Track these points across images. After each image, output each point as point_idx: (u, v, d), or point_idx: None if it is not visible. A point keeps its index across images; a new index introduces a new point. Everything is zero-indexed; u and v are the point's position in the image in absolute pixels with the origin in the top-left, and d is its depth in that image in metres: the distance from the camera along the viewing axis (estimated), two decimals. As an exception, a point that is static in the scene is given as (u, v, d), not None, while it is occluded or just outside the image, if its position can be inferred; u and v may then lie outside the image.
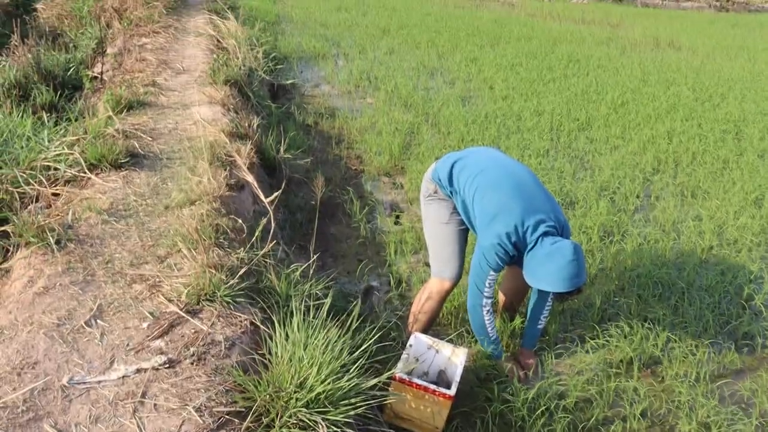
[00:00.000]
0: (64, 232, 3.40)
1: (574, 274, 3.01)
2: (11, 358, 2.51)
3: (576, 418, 3.24)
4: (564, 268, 3.01)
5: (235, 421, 2.35)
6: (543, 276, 3.10)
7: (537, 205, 3.18)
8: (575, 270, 3.01)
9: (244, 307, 2.99)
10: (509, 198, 3.18)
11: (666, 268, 4.57)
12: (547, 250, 3.06)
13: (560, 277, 3.03)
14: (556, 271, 3.03)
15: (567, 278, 3.02)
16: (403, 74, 9.71)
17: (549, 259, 3.05)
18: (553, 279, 3.06)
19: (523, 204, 3.16)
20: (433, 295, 3.54)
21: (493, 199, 3.21)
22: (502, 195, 3.20)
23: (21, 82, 6.08)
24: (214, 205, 3.78)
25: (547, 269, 3.06)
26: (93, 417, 2.27)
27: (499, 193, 3.21)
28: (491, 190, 3.23)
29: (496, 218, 3.16)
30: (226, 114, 5.57)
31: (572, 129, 7.53)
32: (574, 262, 3.01)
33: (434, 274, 3.56)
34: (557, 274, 3.03)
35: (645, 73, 10.90)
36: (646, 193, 6.01)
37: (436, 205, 3.52)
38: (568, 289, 3.06)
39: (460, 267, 3.53)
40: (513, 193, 3.20)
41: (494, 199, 3.20)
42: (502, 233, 3.11)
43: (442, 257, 3.51)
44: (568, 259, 3.00)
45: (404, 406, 2.99)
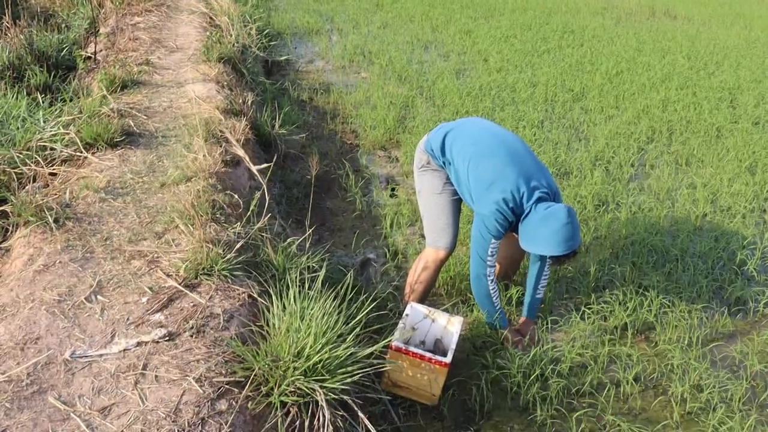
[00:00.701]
0: (63, 211, 3.44)
1: (569, 237, 3.08)
2: (14, 334, 2.55)
3: (570, 383, 3.30)
4: (559, 232, 3.07)
5: (235, 391, 2.40)
6: (539, 240, 3.15)
7: (530, 172, 3.23)
8: (569, 233, 3.07)
9: (242, 281, 3.04)
10: (504, 165, 3.22)
11: (660, 236, 4.61)
12: (542, 215, 3.12)
13: (555, 241, 3.09)
14: (551, 235, 3.09)
15: (562, 241, 3.08)
16: (397, 48, 9.68)
17: (544, 223, 3.10)
18: (548, 243, 3.12)
19: (518, 170, 3.21)
20: (429, 265, 3.57)
21: (488, 167, 3.24)
22: (497, 162, 3.24)
23: (14, 63, 6.07)
24: (210, 181, 3.81)
25: (542, 233, 3.12)
26: (96, 389, 2.32)
27: (494, 161, 3.25)
28: (485, 159, 3.26)
29: (492, 186, 3.20)
30: (221, 91, 5.58)
31: (567, 100, 7.53)
32: (569, 225, 3.07)
33: (429, 244, 3.59)
34: (552, 238, 3.09)
35: (640, 43, 10.87)
36: (641, 162, 6.04)
37: (429, 176, 3.55)
38: (564, 252, 3.12)
39: (454, 236, 3.57)
40: (507, 160, 3.24)
41: (489, 167, 3.24)
42: (499, 199, 3.16)
43: (437, 227, 3.54)
44: (563, 222, 3.06)
45: (401, 375, 3.04)
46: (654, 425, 3.12)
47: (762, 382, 3.44)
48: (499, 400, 3.22)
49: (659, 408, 3.26)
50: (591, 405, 3.21)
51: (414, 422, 3.05)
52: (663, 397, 3.32)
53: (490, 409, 3.16)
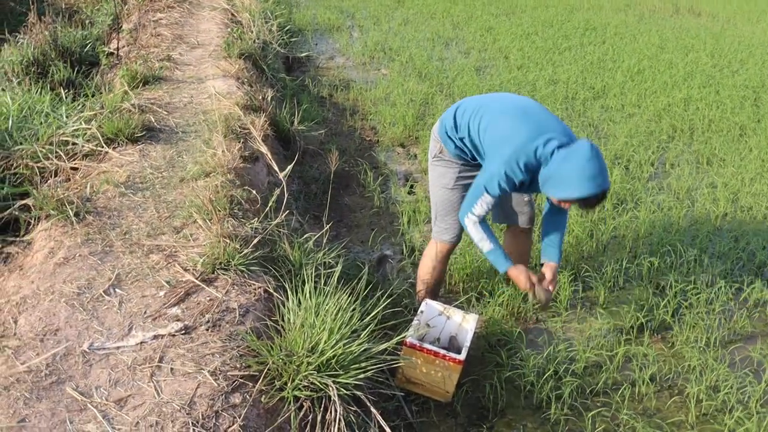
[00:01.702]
0: (83, 205, 3.48)
1: (597, 173, 2.80)
2: (34, 326, 2.60)
3: (585, 382, 3.29)
4: (585, 168, 2.80)
5: (249, 384, 2.43)
6: (563, 182, 2.88)
7: (546, 126, 3.02)
8: (596, 168, 2.80)
9: (258, 276, 3.06)
10: (516, 121, 3.08)
11: (679, 235, 4.59)
12: (563, 155, 2.88)
13: (582, 178, 2.81)
14: (577, 172, 2.82)
15: (589, 178, 2.80)
16: (417, 45, 9.68)
17: (566, 161, 2.85)
18: (574, 182, 2.84)
19: (531, 125, 3.02)
20: (435, 257, 3.57)
21: (499, 124, 3.11)
22: (509, 119, 3.11)
23: (39, 59, 6.15)
24: (229, 177, 3.84)
25: (566, 172, 2.86)
26: (112, 381, 2.36)
27: (506, 118, 3.12)
28: (497, 118, 3.14)
29: (504, 142, 3.04)
30: (241, 87, 5.62)
31: (587, 98, 7.49)
32: (594, 160, 2.80)
33: (434, 237, 3.57)
34: (578, 176, 2.82)
35: (663, 40, 10.78)
36: (661, 160, 6.00)
37: (442, 168, 3.45)
38: (593, 191, 2.82)
39: (460, 232, 3.52)
40: (520, 117, 3.09)
41: (501, 125, 3.10)
42: (510, 156, 2.97)
43: (445, 222, 3.49)
44: (587, 157, 2.80)
45: (415, 371, 3.06)
46: (669, 425, 3.11)
47: (780, 383, 3.42)
48: (512, 398, 3.22)
49: (675, 408, 3.24)
50: (605, 404, 3.20)
51: (427, 418, 3.07)
52: (679, 397, 3.31)
53: (503, 407, 3.16)
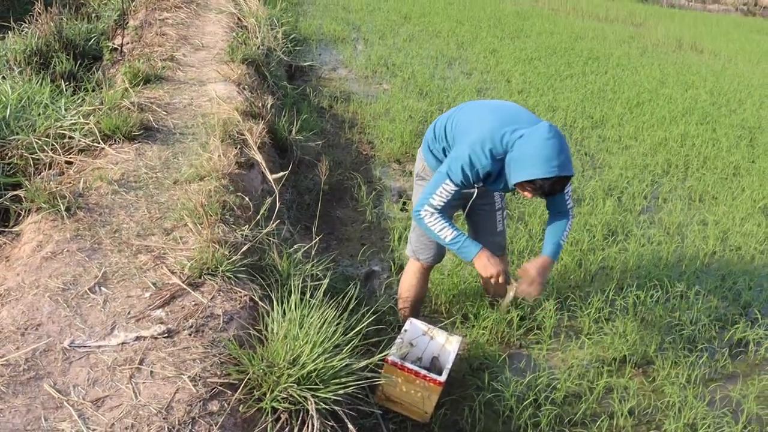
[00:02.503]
0: (75, 200, 3.48)
1: (553, 155, 2.70)
2: (16, 319, 2.59)
3: (563, 411, 3.29)
4: (540, 148, 2.71)
5: (228, 393, 2.42)
6: (518, 163, 2.80)
7: (518, 118, 2.94)
8: (553, 150, 2.71)
9: (245, 283, 3.06)
10: (486, 112, 3.03)
11: (666, 270, 4.60)
12: (523, 137, 2.80)
13: (536, 159, 2.72)
14: (531, 153, 2.74)
15: (544, 159, 2.71)
16: (421, 62, 9.73)
17: (525, 142, 2.77)
18: (527, 163, 2.76)
19: (501, 116, 2.95)
20: (413, 274, 3.58)
21: (469, 117, 3.08)
22: (479, 112, 3.07)
23: (42, 49, 6.16)
24: (223, 182, 3.84)
25: (522, 154, 2.77)
26: (91, 380, 2.35)
27: (476, 111, 3.09)
28: (468, 112, 3.12)
29: (471, 129, 2.99)
30: (242, 92, 5.63)
31: (585, 126, 7.54)
32: (552, 141, 2.72)
33: (410, 255, 3.57)
34: (533, 157, 2.73)
35: (664, 75, 10.86)
36: (654, 194, 6.03)
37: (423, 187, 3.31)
38: (548, 173, 2.72)
39: (437, 251, 3.48)
40: (490, 110, 3.04)
41: (470, 117, 3.07)
42: (476, 140, 2.90)
43: (421, 242, 3.46)
44: (545, 137, 2.72)
45: (395, 390, 3.05)
46: (644, 461, 3.12)
47: (758, 426, 3.42)
48: (491, 423, 3.22)
49: (651, 444, 3.25)
50: (582, 435, 3.20)
51: (404, 437, 3.07)
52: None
53: (480, 431, 3.16)
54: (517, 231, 4.83)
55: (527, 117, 2.98)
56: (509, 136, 2.84)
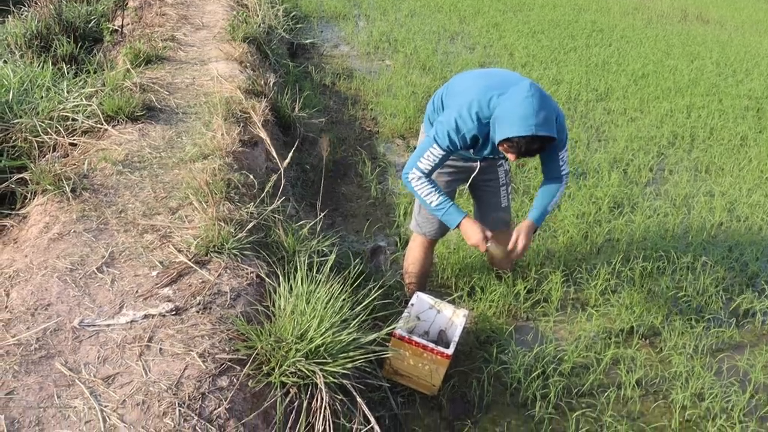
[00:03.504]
0: (80, 181, 3.48)
1: (530, 113, 2.63)
2: (26, 299, 2.61)
3: (571, 382, 3.31)
4: (519, 106, 2.66)
5: (236, 368, 2.43)
6: (498, 122, 2.75)
7: (508, 82, 2.84)
8: (531, 107, 2.64)
9: (251, 260, 3.07)
10: (477, 77, 3.00)
11: (673, 242, 4.60)
12: (504, 95, 2.76)
13: (516, 117, 2.66)
14: (511, 111, 2.68)
15: (522, 117, 2.64)
16: (423, 37, 9.66)
17: (505, 100, 2.73)
18: (506, 121, 2.70)
19: (492, 80, 2.90)
20: (417, 248, 3.59)
21: (461, 82, 3.06)
22: (470, 77, 3.05)
23: (42, 33, 6.14)
24: (227, 160, 3.84)
25: (502, 111, 2.72)
26: (101, 358, 2.37)
27: (468, 77, 3.08)
28: (460, 79, 3.11)
29: (460, 94, 2.97)
30: (243, 71, 5.61)
31: (590, 99, 7.49)
32: (531, 99, 2.65)
33: (413, 229, 3.57)
34: (513, 115, 2.67)
35: (669, 46, 10.77)
36: (660, 166, 6.00)
37: None
38: (524, 131, 2.65)
39: (441, 227, 3.47)
40: (482, 74, 3.02)
41: (462, 83, 3.05)
42: (463, 104, 2.87)
43: (424, 216, 3.47)
44: (524, 95, 2.67)
45: (403, 363, 3.07)
46: (652, 430, 3.13)
47: (765, 395, 3.43)
48: (498, 395, 3.24)
49: (659, 413, 3.26)
50: (590, 406, 3.21)
51: (412, 410, 3.08)
52: (663, 402, 3.32)
53: (488, 403, 3.18)
54: (522, 204, 4.82)
55: (515, 78, 2.91)
56: (496, 99, 2.80)
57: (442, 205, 3.02)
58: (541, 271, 4.10)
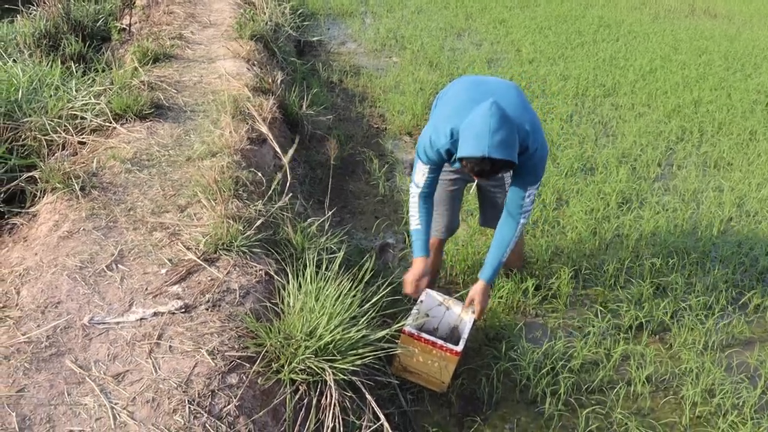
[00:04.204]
0: (89, 180, 3.50)
1: (484, 133, 2.51)
2: (36, 297, 2.62)
3: (581, 379, 3.30)
4: (474, 124, 2.57)
5: (246, 366, 2.44)
6: (460, 139, 2.65)
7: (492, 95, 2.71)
8: (486, 127, 2.52)
9: (260, 258, 3.08)
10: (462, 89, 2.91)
11: (682, 237, 4.58)
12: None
13: (469, 135, 2.57)
14: (468, 129, 2.59)
15: (476, 135, 2.54)
16: (430, 34, 9.64)
17: (469, 118, 2.63)
18: (463, 138, 2.61)
19: (473, 94, 2.78)
20: None
21: (448, 95, 3.00)
22: (455, 89, 2.97)
23: (51, 32, 6.16)
24: (235, 158, 3.85)
25: (463, 128, 2.64)
26: (111, 355, 2.38)
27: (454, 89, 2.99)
28: (450, 90, 3.04)
29: (441, 108, 2.93)
30: (251, 69, 5.61)
31: (597, 95, 7.46)
32: (489, 119, 2.52)
33: None
34: (469, 132, 2.58)
35: (676, 41, 10.71)
36: (668, 161, 5.97)
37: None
38: (475, 152, 2.54)
39: (448, 224, 3.49)
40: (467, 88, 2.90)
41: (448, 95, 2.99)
42: (439, 120, 2.82)
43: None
44: (482, 113, 2.55)
45: (412, 360, 3.06)
46: (662, 426, 3.12)
47: (775, 390, 3.42)
48: (507, 391, 3.23)
49: (669, 410, 3.25)
50: (600, 402, 3.21)
51: (421, 407, 3.08)
52: (673, 398, 3.31)
53: (498, 400, 3.18)
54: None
55: (502, 93, 2.81)
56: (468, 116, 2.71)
57: (417, 231, 3.10)
58: (550, 267, 4.09)
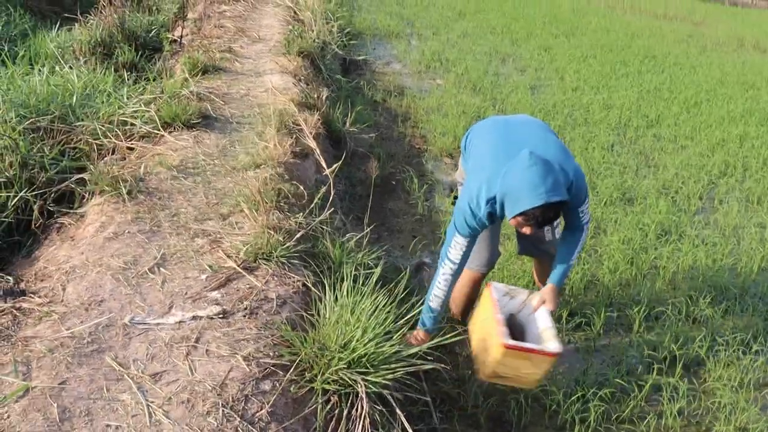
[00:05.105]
0: (136, 184, 3.59)
1: (538, 182, 2.57)
2: (81, 295, 2.70)
3: (611, 407, 3.27)
4: (524, 178, 2.60)
5: (280, 373, 2.48)
6: (509, 200, 2.68)
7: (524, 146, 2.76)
8: (537, 176, 2.58)
9: (298, 269, 3.13)
10: (493, 143, 2.92)
11: (721, 272, 4.53)
12: (506, 172, 2.69)
13: (523, 190, 2.61)
14: (518, 186, 2.62)
15: (530, 188, 2.59)
16: (474, 58, 9.70)
17: (508, 176, 2.67)
18: (515, 197, 2.64)
19: (505, 151, 2.81)
20: (467, 283, 3.52)
21: (479, 147, 3.01)
22: (486, 142, 2.98)
23: (106, 41, 6.36)
24: (278, 171, 3.92)
25: (509, 188, 2.67)
26: (150, 355, 2.44)
27: (485, 141, 3.00)
28: (480, 139, 3.05)
29: (473, 171, 2.95)
30: (297, 84, 5.71)
31: (640, 125, 7.43)
32: (534, 168, 2.60)
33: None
34: (520, 189, 2.61)
35: (723, 74, 10.62)
36: (710, 195, 5.92)
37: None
38: (536, 202, 2.58)
39: (488, 258, 3.44)
40: (497, 142, 2.92)
41: (479, 147, 3.01)
42: (473, 189, 2.82)
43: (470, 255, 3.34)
44: (525, 165, 2.62)
45: (506, 368, 2.95)
46: (693, 461, 3.09)
47: (811, 432, 3.35)
48: (536, 416, 3.22)
49: (700, 445, 3.21)
50: (630, 432, 3.19)
51: (450, 426, 3.08)
52: (705, 434, 3.28)
53: (526, 424, 3.16)
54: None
55: (528, 136, 2.88)
56: (503, 177, 2.73)
57: (432, 310, 3.10)
58: (585, 294, 4.07)
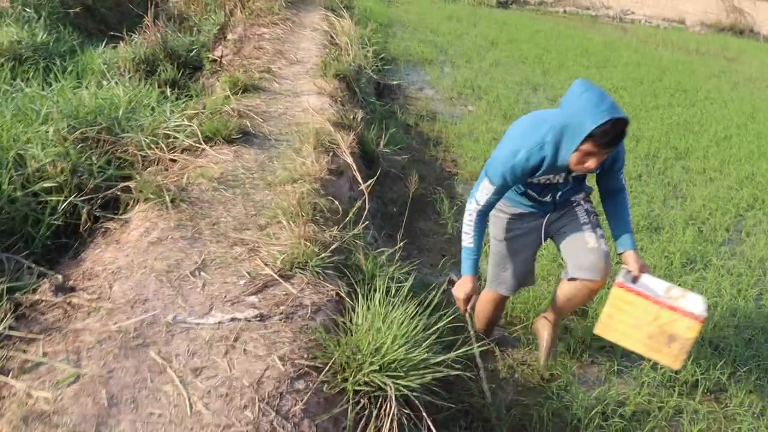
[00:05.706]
0: (179, 193, 3.76)
1: (597, 101, 2.61)
2: (126, 293, 2.85)
3: (631, 426, 3.34)
4: (582, 101, 2.64)
5: (313, 374, 2.60)
6: (571, 128, 2.72)
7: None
8: (595, 96, 2.63)
9: (332, 279, 3.25)
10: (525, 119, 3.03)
11: (745, 302, 4.57)
12: (560, 106, 2.79)
13: (586, 111, 2.62)
14: (577, 111, 2.66)
15: (592, 107, 2.61)
16: (506, 86, 9.84)
17: (564, 108, 2.75)
18: (578, 121, 2.66)
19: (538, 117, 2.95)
20: (489, 302, 3.63)
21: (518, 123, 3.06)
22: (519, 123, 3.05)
23: (149, 58, 6.63)
24: (314, 186, 4.06)
25: (568, 117, 2.72)
26: (190, 352, 2.57)
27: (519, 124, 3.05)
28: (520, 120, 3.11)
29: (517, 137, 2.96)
30: (333, 105, 5.88)
31: (669, 157, 7.49)
32: (589, 92, 2.65)
33: (488, 284, 3.59)
34: (581, 112, 2.64)
35: (755, 110, 10.62)
36: (737, 227, 5.96)
37: (494, 218, 3.41)
38: (601, 119, 2.58)
39: (520, 284, 3.52)
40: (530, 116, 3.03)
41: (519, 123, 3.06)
42: (521, 144, 2.87)
43: (497, 274, 3.52)
44: (579, 91, 2.68)
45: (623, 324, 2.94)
46: (711, 482, 3.13)
47: (832, 460, 3.38)
48: (557, 430, 3.28)
49: (719, 467, 3.26)
50: (650, 452, 3.24)
51: (472, 435, 3.17)
52: (725, 457, 3.32)
53: (548, 438, 3.24)
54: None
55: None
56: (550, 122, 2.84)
57: (467, 250, 3.15)
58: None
